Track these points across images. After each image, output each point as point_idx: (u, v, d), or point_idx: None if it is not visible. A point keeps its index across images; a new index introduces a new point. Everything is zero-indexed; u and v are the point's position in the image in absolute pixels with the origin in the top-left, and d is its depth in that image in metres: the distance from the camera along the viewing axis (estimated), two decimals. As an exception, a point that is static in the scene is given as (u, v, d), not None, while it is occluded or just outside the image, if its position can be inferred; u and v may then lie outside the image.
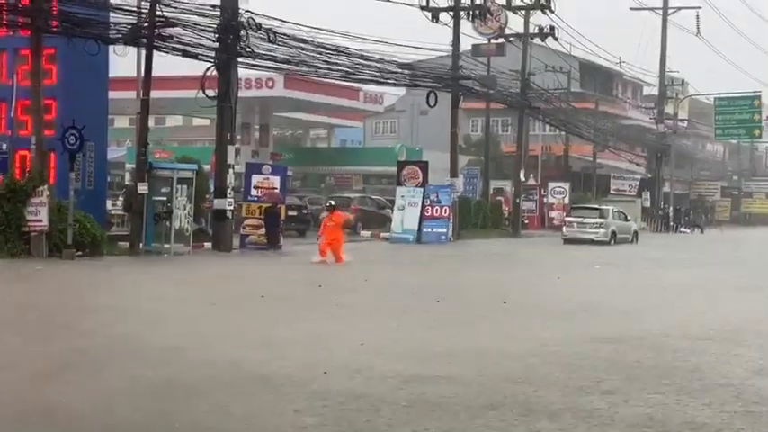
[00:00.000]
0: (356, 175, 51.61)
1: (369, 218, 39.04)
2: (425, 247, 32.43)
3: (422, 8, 35.51)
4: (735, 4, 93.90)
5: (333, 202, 25.49)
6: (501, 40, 41.68)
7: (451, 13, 36.79)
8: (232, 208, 26.89)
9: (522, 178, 45.78)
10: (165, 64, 27.26)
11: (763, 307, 15.93)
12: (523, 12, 41.53)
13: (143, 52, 26.33)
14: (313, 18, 30.67)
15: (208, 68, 25.92)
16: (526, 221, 47.56)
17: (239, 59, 26.38)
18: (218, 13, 25.40)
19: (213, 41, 25.60)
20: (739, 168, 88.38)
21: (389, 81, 35.00)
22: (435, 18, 36.08)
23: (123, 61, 26.64)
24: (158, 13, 24.39)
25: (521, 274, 22.22)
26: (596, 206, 41.95)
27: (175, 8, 24.50)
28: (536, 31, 41.63)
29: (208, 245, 26.56)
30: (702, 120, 74.61)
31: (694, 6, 59.83)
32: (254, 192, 28.50)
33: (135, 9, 24.92)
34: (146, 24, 24.66)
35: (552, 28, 40.84)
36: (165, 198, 25.06)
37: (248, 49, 25.98)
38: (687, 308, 15.30)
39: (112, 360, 9.36)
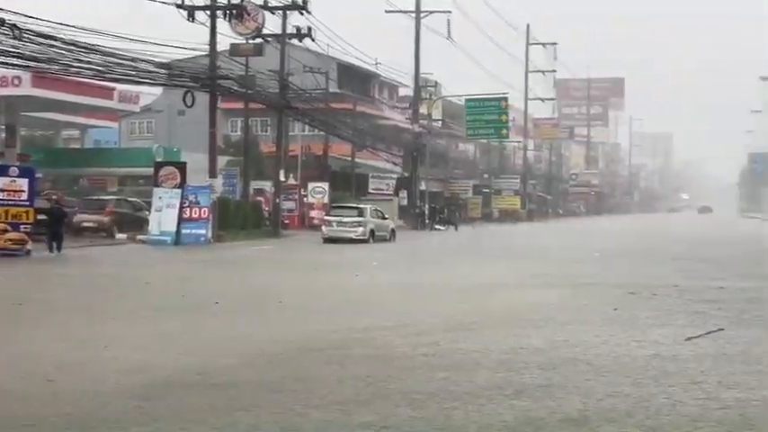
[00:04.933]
0: (112, 177, 49.93)
1: (125, 220, 37.97)
2: (183, 249, 31.97)
3: (177, 6, 34.85)
4: (485, 11, 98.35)
5: None
6: (259, 40, 41.60)
7: (208, 12, 36.41)
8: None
9: (282, 178, 45.97)
10: None
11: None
12: (281, 12, 41.65)
13: None
14: (62, 15, 29.56)
15: (-54, 65, 24.45)
16: (287, 221, 47.78)
17: (-19, 56, 25.04)
18: (-43, 7, 24.02)
19: (-49, 36, 24.19)
20: (489, 167, 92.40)
21: (145, 80, 34.26)
22: (192, 17, 35.51)
23: None
24: None
25: (278, 276, 22.26)
26: (355, 205, 42.69)
27: None
28: (293, 31, 41.87)
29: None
30: (455, 120, 77.43)
31: (445, 11, 62.11)
32: None
33: None
34: None
35: (309, 29, 41.22)
36: None
37: (-9, 46, 24.71)
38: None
39: None
